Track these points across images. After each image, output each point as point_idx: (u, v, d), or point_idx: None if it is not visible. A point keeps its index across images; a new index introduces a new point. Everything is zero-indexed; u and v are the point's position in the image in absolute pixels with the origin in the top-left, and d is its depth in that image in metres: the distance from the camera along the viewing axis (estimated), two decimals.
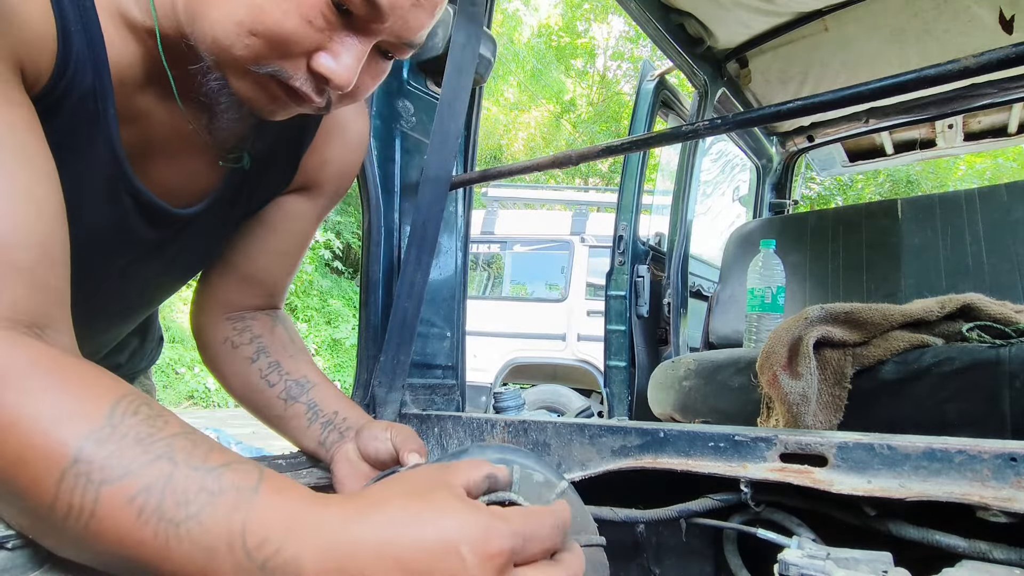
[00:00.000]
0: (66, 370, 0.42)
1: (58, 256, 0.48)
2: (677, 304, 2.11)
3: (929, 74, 0.63)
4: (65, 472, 0.38)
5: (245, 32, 0.53)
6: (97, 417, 0.40)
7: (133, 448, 0.39)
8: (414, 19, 0.58)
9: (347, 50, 0.57)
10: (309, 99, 0.59)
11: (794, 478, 0.61)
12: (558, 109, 13.46)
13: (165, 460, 0.39)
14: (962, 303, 1.01)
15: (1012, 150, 10.36)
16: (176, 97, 0.63)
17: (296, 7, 0.53)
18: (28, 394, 0.39)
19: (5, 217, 0.44)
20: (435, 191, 1.00)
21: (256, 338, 0.82)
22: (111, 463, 0.38)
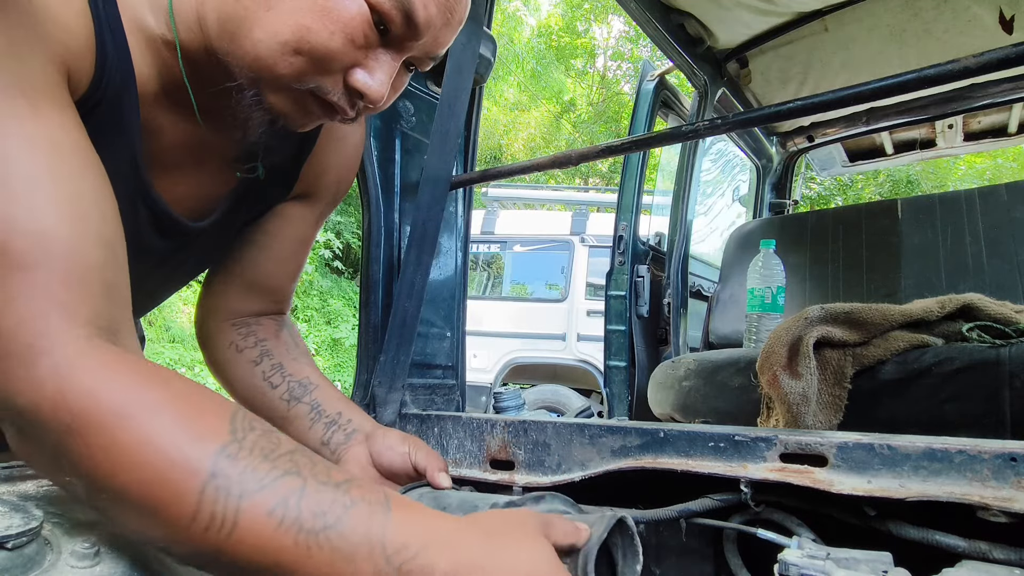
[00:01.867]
0: (174, 383, 0.44)
1: (122, 258, 0.49)
2: (677, 304, 2.11)
3: (929, 74, 0.63)
4: (205, 486, 0.40)
5: (290, 51, 0.55)
6: (223, 432, 0.43)
7: (262, 463, 0.42)
8: (444, 36, 0.62)
9: (381, 67, 0.59)
10: (344, 112, 0.62)
11: (794, 478, 0.61)
12: (558, 109, 13.46)
13: (294, 475, 0.43)
14: (962, 303, 1.01)
15: (1012, 150, 10.36)
16: (195, 110, 0.63)
17: (342, 28, 0.55)
18: (155, 412, 0.41)
19: (79, 221, 0.45)
20: (435, 191, 1.00)
21: (261, 341, 0.83)
22: (246, 477, 0.41)
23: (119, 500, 0.41)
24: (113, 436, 0.40)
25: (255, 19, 0.54)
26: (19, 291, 0.41)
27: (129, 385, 0.42)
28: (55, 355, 0.41)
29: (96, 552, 0.45)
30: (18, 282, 0.41)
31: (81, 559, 0.44)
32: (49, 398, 0.40)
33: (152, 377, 0.44)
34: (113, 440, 0.40)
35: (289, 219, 0.84)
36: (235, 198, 0.75)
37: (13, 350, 0.41)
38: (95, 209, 0.47)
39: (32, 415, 0.41)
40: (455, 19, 0.62)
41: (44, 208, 0.43)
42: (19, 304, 0.41)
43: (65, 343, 0.42)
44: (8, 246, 0.41)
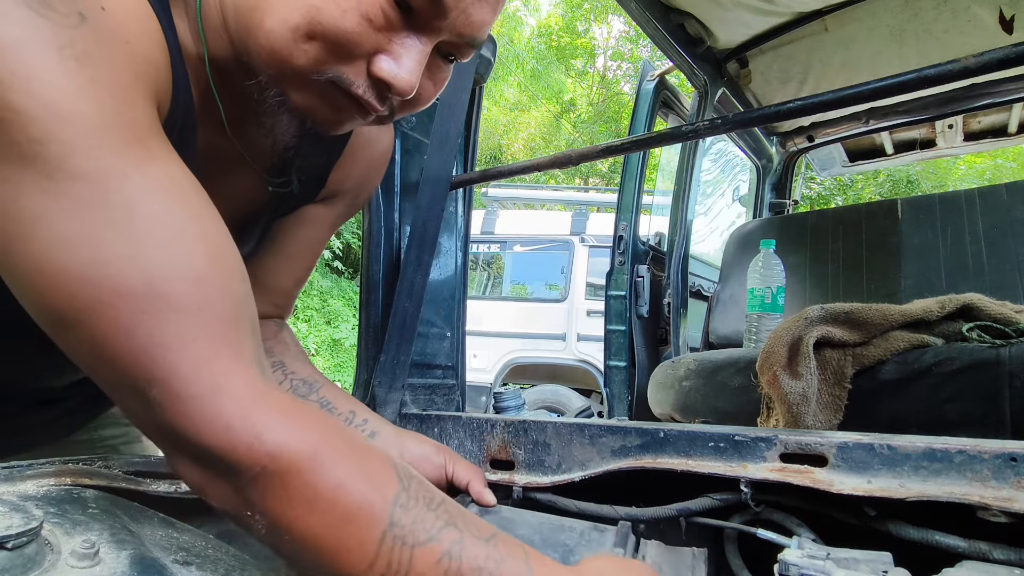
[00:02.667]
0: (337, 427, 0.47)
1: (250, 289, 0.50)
2: (677, 304, 2.11)
3: (929, 74, 0.63)
4: (385, 534, 0.44)
5: (302, 37, 0.51)
6: (393, 481, 0.46)
7: (427, 513, 0.46)
8: (477, 13, 0.55)
9: (408, 52, 0.54)
10: (373, 107, 0.56)
11: (794, 478, 0.61)
12: (558, 109, 13.46)
13: (452, 528, 0.47)
14: (962, 303, 1.01)
15: (1012, 150, 10.36)
16: (224, 122, 0.61)
17: (355, 5, 0.50)
18: (342, 458, 0.44)
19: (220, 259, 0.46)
20: (435, 191, 1.00)
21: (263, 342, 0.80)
22: (417, 527, 0.45)
23: (303, 541, 0.43)
24: (308, 480, 0.43)
25: (266, 8, 0.51)
26: (190, 333, 0.42)
27: (314, 430, 0.44)
28: (241, 397, 0.43)
29: (96, 552, 0.45)
30: (186, 325, 0.42)
31: (81, 559, 0.44)
32: (244, 441, 0.42)
33: (324, 421, 0.46)
34: (308, 483, 0.43)
35: (306, 221, 0.80)
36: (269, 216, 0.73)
37: (196, 392, 0.42)
38: (228, 243, 0.48)
39: (223, 455, 0.42)
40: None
41: (194, 251, 0.44)
42: (194, 345, 0.42)
43: (244, 384, 0.43)
44: (172, 291, 0.42)
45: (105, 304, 0.41)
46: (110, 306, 0.41)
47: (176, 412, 0.42)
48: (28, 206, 0.40)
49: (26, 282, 0.42)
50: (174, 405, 0.42)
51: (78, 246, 0.40)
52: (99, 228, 0.41)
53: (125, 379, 0.42)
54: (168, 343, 0.42)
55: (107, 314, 0.41)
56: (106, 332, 0.41)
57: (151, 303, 0.41)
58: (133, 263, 0.41)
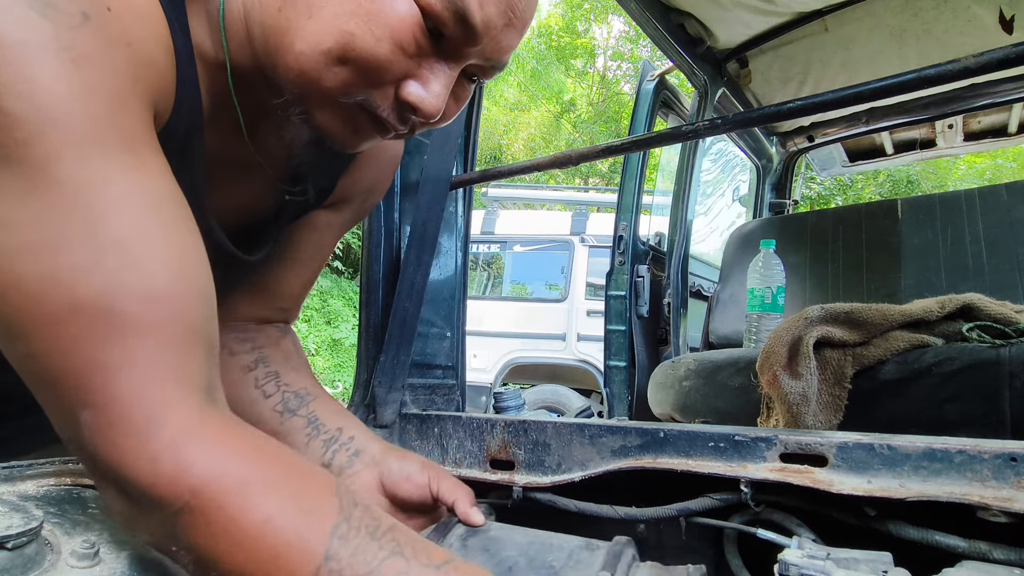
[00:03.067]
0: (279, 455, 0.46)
1: (214, 311, 0.48)
2: (677, 304, 2.11)
3: (929, 74, 0.64)
4: (320, 569, 0.42)
5: (334, 61, 0.50)
6: (332, 511, 0.44)
7: (369, 543, 0.44)
8: (506, 39, 0.55)
9: (436, 77, 0.54)
10: (395, 128, 0.57)
11: (794, 478, 0.61)
12: (558, 109, 13.45)
13: (398, 556, 0.45)
14: (962, 303, 1.01)
15: (1012, 150, 10.35)
16: (243, 130, 0.60)
17: (389, 33, 0.50)
18: (272, 490, 0.42)
19: (184, 279, 0.45)
20: (435, 191, 1.00)
21: (258, 348, 0.77)
22: (356, 560, 0.43)
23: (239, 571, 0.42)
24: (232, 515, 0.41)
25: (296, 29, 0.50)
26: (134, 357, 0.41)
27: (245, 462, 0.43)
28: (172, 427, 0.41)
29: (96, 552, 0.45)
30: (132, 347, 0.41)
31: (81, 559, 0.44)
32: (167, 475, 0.41)
33: (261, 449, 0.45)
34: (232, 519, 0.41)
35: (314, 226, 0.79)
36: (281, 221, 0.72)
37: (130, 419, 0.41)
38: (196, 261, 0.47)
39: (146, 489, 0.41)
40: (518, 20, 0.55)
41: (154, 270, 0.43)
42: (135, 371, 0.41)
43: (181, 414, 0.42)
44: (123, 310, 0.41)
45: (53, 319, 0.40)
46: (59, 321, 0.40)
47: (105, 440, 0.41)
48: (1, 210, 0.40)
49: None
50: (105, 433, 0.41)
51: (39, 256, 0.40)
52: (64, 239, 0.40)
53: (61, 400, 0.41)
54: (109, 365, 0.41)
55: (53, 330, 0.40)
56: (49, 348, 0.40)
57: (99, 321, 0.40)
58: (89, 277, 0.40)
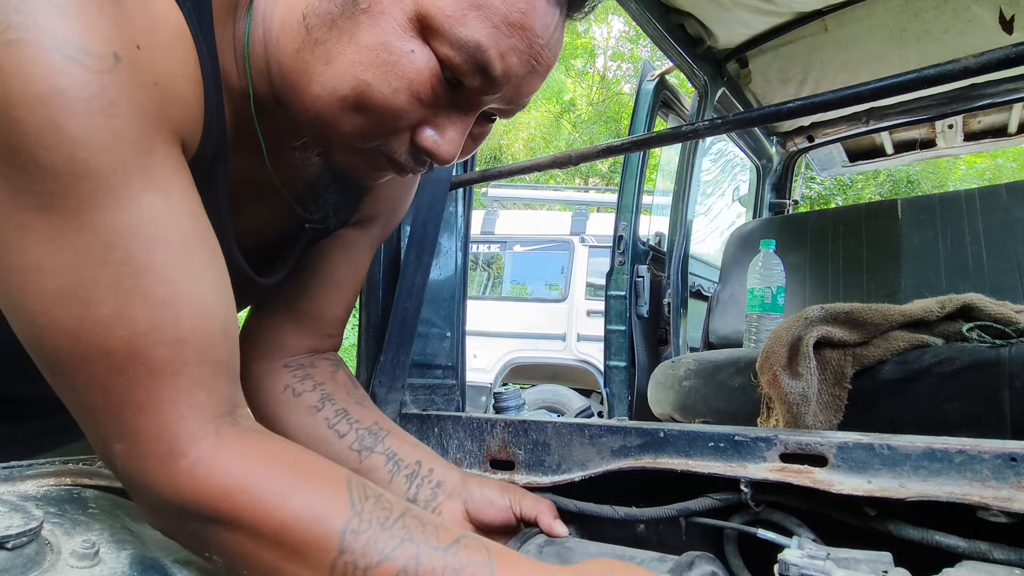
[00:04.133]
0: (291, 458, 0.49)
1: (236, 339, 0.51)
2: (677, 304, 2.11)
3: (929, 74, 0.63)
4: (335, 562, 0.45)
5: (350, 108, 0.51)
6: (345, 507, 0.47)
7: (380, 533, 0.47)
8: (527, 86, 0.55)
9: (453, 125, 0.54)
10: (412, 169, 0.58)
11: (794, 478, 0.61)
12: (558, 109, 13.45)
13: (409, 542, 0.47)
14: (962, 303, 1.01)
15: (1012, 150, 10.35)
16: (266, 159, 0.61)
17: (406, 84, 0.50)
18: (286, 497, 0.46)
19: (210, 320, 0.47)
20: (435, 191, 1.00)
21: (319, 385, 0.77)
22: (369, 550, 0.46)
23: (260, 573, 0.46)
24: (251, 526, 0.45)
25: (313, 74, 0.50)
26: (160, 397, 0.45)
27: (260, 474, 0.46)
28: (191, 456, 0.45)
29: (96, 552, 0.45)
30: (159, 388, 0.44)
31: (81, 559, 0.44)
32: (190, 495, 0.45)
33: (273, 457, 0.48)
34: (252, 528, 0.45)
35: (345, 245, 0.78)
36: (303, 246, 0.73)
37: (154, 452, 0.45)
38: (221, 300, 0.49)
39: (176, 507, 0.45)
40: (541, 67, 0.53)
41: (181, 315, 0.45)
42: (160, 410, 0.45)
43: (199, 442, 0.46)
44: (151, 354, 0.44)
45: (88, 360, 0.43)
46: (92, 362, 0.43)
47: (136, 468, 0.45)
48: (33, 256, 0.41)
49: (19, 329, 0.44)
50: (135, 462, 0.45)
51: (71, 302, 0.42)
52: (95, 287, 0.42)
53: (98, 430, 0.45)
54: (138, 403, 0.44)
55: (89, 369, 0.43)
56: (85, 385, 0.44)
57: (130, 365, 0.43)
58: (120, 323, 0.43)
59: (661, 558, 0.62)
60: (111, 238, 0.42)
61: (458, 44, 0.49)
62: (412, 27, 0.49)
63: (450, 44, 0.49)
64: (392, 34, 0.49)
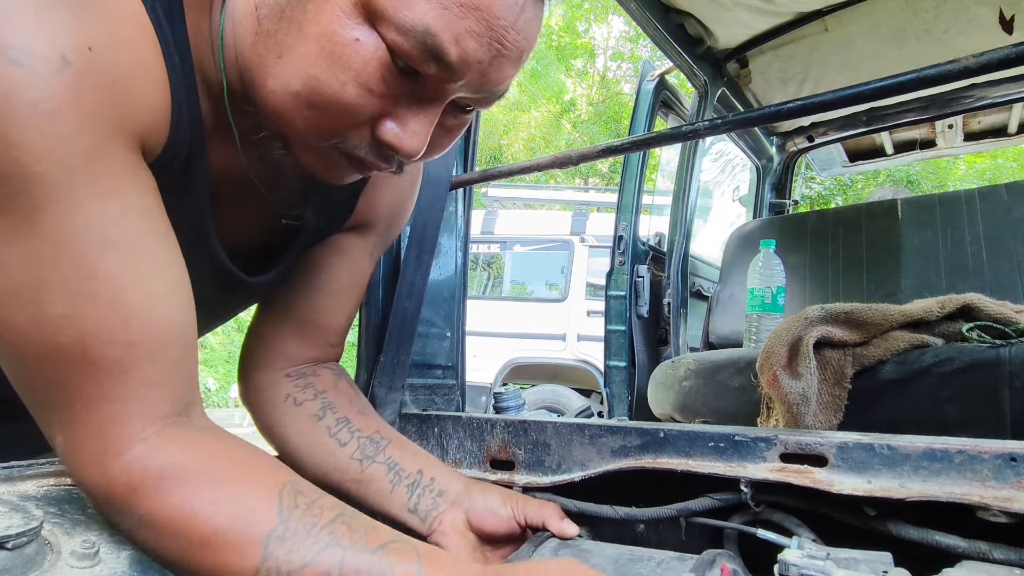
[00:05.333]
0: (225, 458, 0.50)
1: (193, 340, 0.52)
2: (677, 304, 2.11)
3: (929, 74, 0.63)
4: (258, 570, 0.47)
5: (303, 105, 0.48)
6: (271, 516, 0.48)
7: (305, 539, 0.48)
8: (495, 72, 0.50)
9: (415, 116, 0.51)
10: (376, 167, 0.55)
11: (794, 478, 0.61)
12: (558, 109, 13.45)
13: (335, 547, 0.49)
14: (962, 303, 1.01)
15: (1012, 150, 10.35)
16: (239, 153, 0.60)
17: (354, 77, 0.47)
18: (215, 505, 0.47)
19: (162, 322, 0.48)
20: (435, 191, 1.00)
21: (320, 394, 0.76)
22: (292, 556, 0.47)
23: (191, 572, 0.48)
24: (179, 529, 0.47)
25: (268, 68, 0.49)
26: (107, 395, 0.46)
27: (191, 478, 0.47)
28: (127, 455, 0.46)
29: (96, 552, 0.45)
30: (107, 387, 0.46)
31: (81, 559, 0.44)
32: (121, 494, 0.46)
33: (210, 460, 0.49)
34: (181, 531, 0.47)
35: (344, 251, 0.77)
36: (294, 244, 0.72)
37: (91, 449, 0.46)
38: (175, 304, 0.50)
39: (111, 502, 0.47)
40: (509, 51, 0.49)
41: (132, 316, 0.46)
42: (106, 407, 0.46)
43: (138, 442, 0.47)
44: (101, 354, 0.45)
45: (39, 356, 0.44)
46: (45, 359, 0.44)
47: (73, 460, 0.47)
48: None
49: None
50: (73, 454, 0.47)
51: (25, 301, 0.43)
52: (47, 287, 0.43)
53: (45, 416, 0.47)
54: (88, 399, 0.45)
55: (40, 364, 0.45)
56: (35, 379, 0.46)
57: (80, 363, 0.44)
58: (70, 324, 0.44)
59: (680, 557, 0.62)
60: (60, 241, 0.43)
61: (405, 29, 0.45)
62: (358, 13, 0.45)
63: (397, 29, 0.45)
64: (336, 22, 0.45)
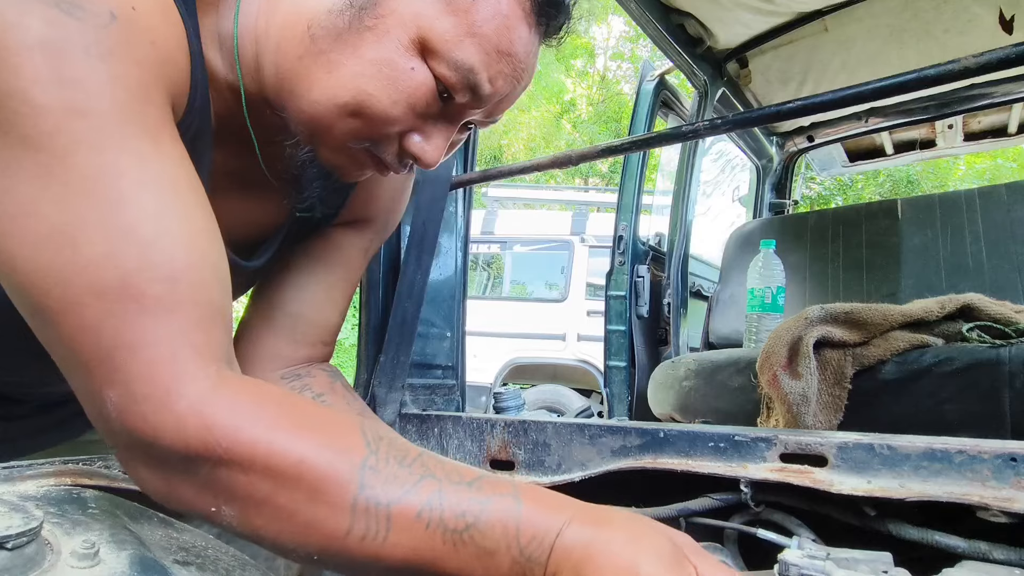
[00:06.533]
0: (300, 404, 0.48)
1: (229, 290, 0.51)
2: (677, 304, 2.11)
3: (929, 74, 0.64)
4: (356, 499, 0.43)
5: (347, 113, 0.55)
6: (361, 446, 0.46)
7: (400, 470, 0.45)
8: (507, 102, 0.61)
9: (439, 133, 0.60)
10: (393, 168, 0.62)
11: (794, 478, 0.61)
12: (558, 109, 13.45)
13: (430, 479, 0.46)
14: (962, 303, 1.01)
15: (1012, 150, 10.35)
16: (257, 152, 0.63)
17: (405, 98, 0.55)
18: (300, 434, 0.44)
19: (202, 261, 0.47)
20: (435, 191, 1.01)
21: (318, 396, 0.75)
22: (390, 486, 0.44)
23: (276, 520, 0.44)
24: (268, 461, 0.43)
25: (314, 80, 0.54)
26: (156, 336, 0.43)
27: (269, 412, 0.45)
28: (191, 394, 0.43)
29: (96, 552, 0.45)
30: (153, 327, 0.43)
31: (81, 559, 0.44)
32: (195, 435, 0.42)
33: (283, 400, 0.46)
34: (267, 466, 0.43)
35: (337, 245, 0.78)
36: (286, 233, 0.73)
37: (151, 393, 0.42)
38: (212, 245, 0.49)
39: (181, 452, 0.43)
40: (520, 87, 0.61)
41: (174, 252, 0.45)
42: (155, 350, 0.43)
43: (199, 381, 0.44)
44: (145, 292, 0.43)
45: (78, 303, 0.42)
46: (83, 305, 0.42)
47: (132, 415, 0.42)
48: (23, 199, 0.41)
49: (6, 279, 0.43)
50: (130, 409, 0.42)
51: (60, 244, 0.41)
52: (86, 226, 0.42)
53: (88, 381, 0.43)
54: (131, 345, 0.42)
55: (79, 312, 0.42)
56: (75, 331, 0.42)
57: (122, 304, 0.42)
58: (111, 262, 0.42)
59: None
60: (101, 177, 0.42)
61: (454, 66, 0.54)
62: (414, 47, 0.54)
63: (447, 65, 0.54)
64: (395, 52, 0.53)
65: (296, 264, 0.76)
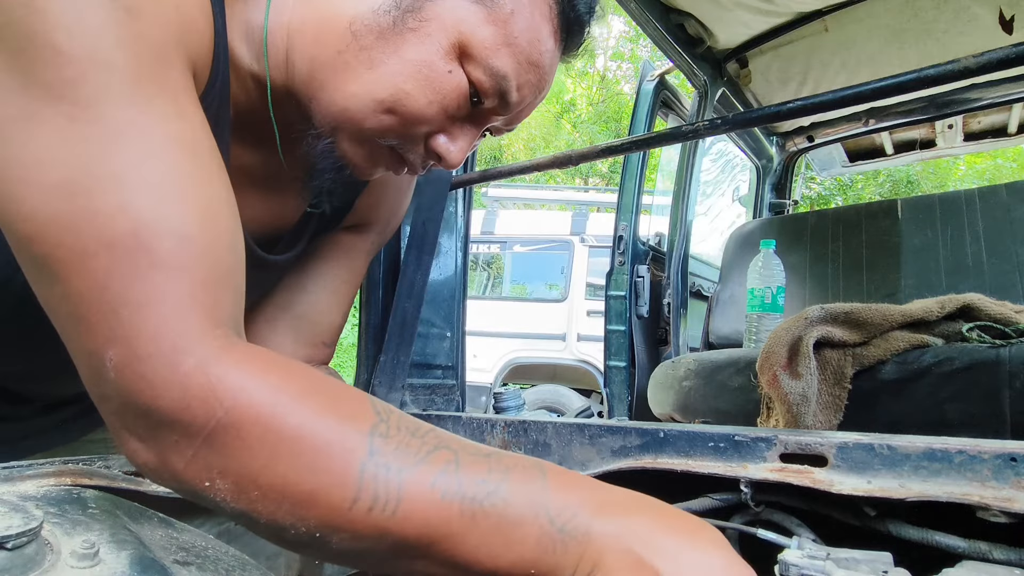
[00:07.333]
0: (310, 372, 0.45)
1: (243, 262, 0.49)
2: (677, 304, 2.11)
3: (929, 74, 0.64)
4: (364, 465, 0.40)
5: (382, 110, 0.56)
6: (370, 414, 0.43)
7: (412, 439, 0.42)
8: (528, 109, 0.64)
9: (464, 135, 0.62)
10: (415, 170, 0.64)
11: (794, 478, 0.61)
12: (558, 109, 13.45)
13: (444, 448, 0.43)
14: (962, 303, 1.01)
15: (1012, 150, 10.35)
16: (279, 146, 0.64)
17: (440, 98, 0.57)
18: (306, 399, 0.41)
19: (216, 225, 0.45)
20: (435, 191, 1.01)
21: None
22: (402, 453, 0.41)
23: (274, 492, 0.40)
24: (269, 425, 0.40)
25: (354, 74, 0.55)
26: (164, 292, 0.41)
27: (275, 376, 0.42)
28: (198, 353, 0.40)
29: (96, 552, 0.45)
30: (162, 283, 0.41)
31: (81, 559, 0.44)
32: (198, 395, 0.40)
33: (292, 367, 0.44)
34: (269, 428, 0.40)
35: (342, 248, 0.79)
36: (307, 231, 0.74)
37: (155, 350, 0.40)
38: (227, 213, 0.47)
39: (180, 413, 0.40)
40: (540, 98, 0.63)
41: (188, 212, 0.43)
42: (162, 305, 0.41)
43: (207, 341, 0.41)
44: (156, 247, 0.41)
45: (87, 253, 0.40)
46: (91, 255, 0.40)
47: (134, 374, 0.40)
48: (39, 147, 0.40)
49: (15, 229, 0.41)
50: (132, 367, 0.40)
51: (75, 193, 0.40)
52: (103, 177, 0.41)
53: (89, 339, 0.41)
54: (138, 300, 0.40)
55: (87, 264, 0.40)
56: (81, 283, 0.40)
57: (132, 256, 0.40)
58: (125, 213, 0.41)
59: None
60: (121, 131, 0.42)
61: (491, 72, 0.57)
62: (453, 51, 0.56)
63: (484, 70, 0.57)
64: (435, 55, 0.55)
65: (303, 266, 0.77)
